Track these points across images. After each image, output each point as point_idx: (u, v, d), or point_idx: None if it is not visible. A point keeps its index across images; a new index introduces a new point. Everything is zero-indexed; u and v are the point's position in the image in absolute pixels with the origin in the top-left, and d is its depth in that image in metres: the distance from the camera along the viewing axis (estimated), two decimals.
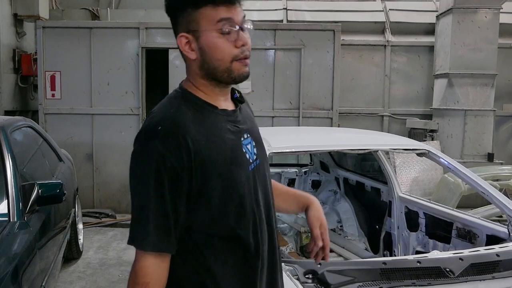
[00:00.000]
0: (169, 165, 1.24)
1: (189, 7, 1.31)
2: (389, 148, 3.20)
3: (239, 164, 1.35)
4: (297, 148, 2.99)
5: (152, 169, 1.24)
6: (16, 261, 2.42)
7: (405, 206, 3.56)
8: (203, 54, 1.34)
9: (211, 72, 1.35)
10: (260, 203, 1.40)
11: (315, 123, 6.63)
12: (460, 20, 6.85)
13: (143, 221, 1.26)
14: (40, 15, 7.24)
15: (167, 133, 1.25)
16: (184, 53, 1.37)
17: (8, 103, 7.07)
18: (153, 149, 1.24)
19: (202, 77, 1.37)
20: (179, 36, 1.35)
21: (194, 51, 1.35)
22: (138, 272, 1.27)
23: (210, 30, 1.31)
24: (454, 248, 2.99)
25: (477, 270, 2.05)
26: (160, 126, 1.27)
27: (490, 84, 6.91)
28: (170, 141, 1.25)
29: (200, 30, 1.32)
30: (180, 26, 1.35)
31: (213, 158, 1.29)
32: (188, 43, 1.35)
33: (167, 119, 1.28)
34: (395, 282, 1.95)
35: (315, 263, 1.91)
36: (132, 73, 6.58)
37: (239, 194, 1.33)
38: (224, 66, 1.33)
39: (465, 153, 6.89)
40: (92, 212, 6.47)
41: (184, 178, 1.25)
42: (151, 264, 1.26)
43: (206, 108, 1.36)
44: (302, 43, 6.63)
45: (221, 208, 1.31)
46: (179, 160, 1.24)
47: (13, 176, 2.93)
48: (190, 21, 1.32)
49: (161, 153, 1.24)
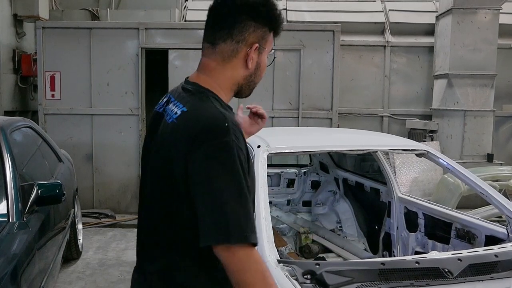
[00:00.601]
0: (242, 158, 1.31)
1: (268, 27, 1.45)
2: (388, 149, 3.20)
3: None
4: (297, 149, 2.99)
5: (236, 162, 1.27)
6: (15, 261, 2.42)
7: (404, 207, 3.57)
8: (258, 69, 1.47)
9: (247, 85, 1.49)
10: None
11: (315, 124, 6.64)
12: (460, 20, 6.85)
13: (247, 215, 1.26)
14: (40, 16, 7.24)
15: (235, 129, 1.32)
16: (248, 59, 1.44)
17: (7, 104, 7.07)
18: (232, 143, 1.28)
19: (237, 84, 1.48)
20: (255, 43, 1.43)
21: (254, 62, 1.45)
22: (264, 272, 1.26)
23: (266, 53, 1.48)
24: (453, 248, 2.99)
25: (476, 270, 2.05)
26: (226, 123, 1.31)
27: (490, 85, 6.91)
28: (238, 134, 1.32)
29: (265, 49, 1.46)
30: (254, 34, 1.43)
31: (248, 154, 1.39)
32: (255, 52, 1.44)
33: (226, 116, 1.34)
34: (393, 282, 1.95)
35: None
36: (131, 74, 6.59)
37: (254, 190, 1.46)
38: (255, 86, 1.52)
39: (465, 153, 6.90)
40: (92, 213, 6.47)
41: (245, 169, 1.32)
42: (258, 256, 1.27)
43: (229, 109, 1.44)
44: (302, 44, 6.63)
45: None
46: (246, 151, 1.35)
47: (12, 177, 2.93)
48: (264, 37, 1.45)
49: (238, 146, 1.29)
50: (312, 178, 4.87)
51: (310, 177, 4.87)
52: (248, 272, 1.24)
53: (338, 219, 4.42)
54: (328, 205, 4.59)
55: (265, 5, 1.44)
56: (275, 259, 2.09)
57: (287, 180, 4.82)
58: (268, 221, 2.28)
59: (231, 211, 1.24)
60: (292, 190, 4.86)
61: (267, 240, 2.18)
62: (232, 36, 1.41)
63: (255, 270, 1.25)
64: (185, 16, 8.08)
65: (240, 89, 1.49)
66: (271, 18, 1.46)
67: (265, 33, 1.45)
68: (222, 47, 1.43)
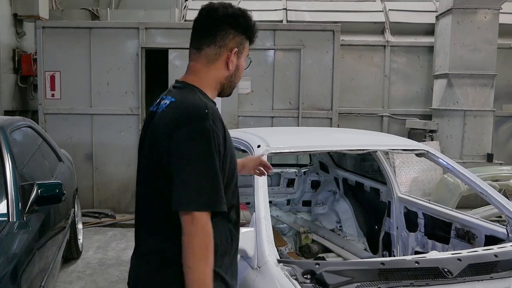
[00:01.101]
0: (219, 140, 1.55)
1: (245, 36, 1.73)
2: (388, 149, 3.20)
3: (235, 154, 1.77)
4: (297, 149, 2.99)
5: (211, 144, 1.52)
6: (15, 261, 2.42)
7: (404, 207, 3.57)
8: (237, 70, 1.74)
9: (228, 85, 1.75)
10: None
11: (315, 124, 6.64)
12: (460, 20, 6.85)
13: (212, 185, 1.51)
14: (40, 15, 7.24)
15: (214, 116, 1.57)
16: (229, 61, 1.70)
17: (7, 103, 7.07)
18: (209, 127, 1.52)
19: (216, 84, 1.73)
20: (234, 48, 1.70)
21: (233, 65, 1.72)
22: (209, 234, 1.50)
23: (244, 57, 1.76)
24: (453, 248, 2.99)
25: (475, 270, 2.05)
26: (206, 109, 1.56)
27: (490, 85, 6.91)
28: (217, 121, 1.57)
29: (243, 53, 1.74)
30: (233, 41, 1.70)
31: (230, 142, 1.66)
32: (234, 56, 1.71)
33: (207, 105, 1.59)
34: (393, 282, 1.95)
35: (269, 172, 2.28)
36: (131, 73, 6.59)
37: (235, 176, 1.72)
38: (234, 86, 1.79)
39: (465, 153, 6.90)
40: (92, 212, 6.47)
41: (221, 152, 1.58)
42: (210, 227, 1.52)
43: (213, 103, 1.69)
44: (302, 44, 6.64)
45: (227, 184, 1.62)
46: (221, 137, 1.58)
47: (12, 176, 2.93)
48: (241, 44, 1.72)
49: (214, 130, 1.54)
50: (312, 178, 4.87)
51: (310, 177, 4.87)
52: (196, 238, 1.48)
53: (338, 219, 4.42)
54: (328, 205, 4.59)
55: (244, 17, 1.71)
56: (275, 258, 2.10)
57: (287, 180, 4.82)
58: (268, 221, 2.28)
59: (198, 184, 1.49)
60: (292, 190, 4.87)
61: (267, 239, 2.19)
62: (215, 42, 1.68)
63: (203, 243, 1.49)
64: (185, 16, 8.08)
65: (222, 88, 1.75)
66: (248, 27, 1.72)
67: (243, 40, 1.72)
68: (207, 51, 1.69)
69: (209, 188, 1.51)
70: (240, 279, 2.17)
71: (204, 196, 1.49)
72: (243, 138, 3.05)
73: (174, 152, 1.52)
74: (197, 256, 1.48)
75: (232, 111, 6.56)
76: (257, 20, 6.75)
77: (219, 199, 1.52)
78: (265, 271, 2.05)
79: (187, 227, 1.49)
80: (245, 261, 2.21)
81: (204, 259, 1.49)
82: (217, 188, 1.52)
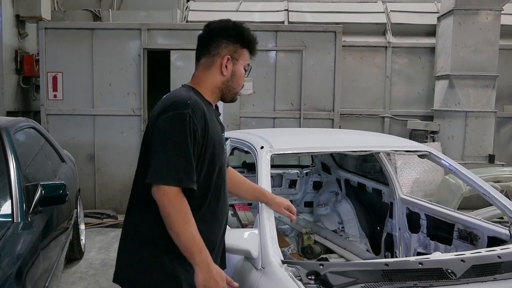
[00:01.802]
0: (196, 128, 1.75)
1: (240, 44, 1.95)
2: (390, 150, 3.20)
3: (222, 147, 1.95)
4: (299, 150, 3.00)
5: (186, 128, 1.73)
6: (20, 261, 2.43)
7: (406, 208, 3.57)
8: (233, 76, 1.95)
9: (227, 91, 1.96)
10: (226, 181, 2.04)
11: (316, 124, 6.64)
12: (461, 21, 6.86)
13: (183, 163, 1.71)
14: (42, 16, 7.25)
15: (195, 106, 1.78)
16: (222, 68, 1.92)
17: (10, 104, 7.08)
18: (186, 115, 1.74)
19: (214, 89, 1.95)
20: (226, 55, 1.92)
21: (228, 71, 1.93)
22: (182, 202, 1.71)
23: (242, 64, 1.97)
24: (455, 249, 2.99)
25: (479, 271, 2.05)
26: (189, 101, 1.78)
27: (491, 86, 6.92)
28: (197, 111, 1.78)
29: (238, 60, 1.95)
30: (226, 49, 1.93)
31: (213, 136, 1.85)
32: (228, 62, 1.92)
33: (192, 98, 1.81)
34: (397, 283, 1.95)
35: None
36: (133, 74, 6.60)
37: (217, 169, 1.90)
38: (234, 92, 1.99)
39: (466, 154, 6.90)
40: (94, 213, 6.48)
41: (200, 141, 1.78)
42: (183, 197, 1.72)
43: (206, 102, 1.91)
44: (304, 45, 6.64)
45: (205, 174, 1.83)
46: (201, 127, 1.78)
47: (16, 177, 2.94)
48: (236, 51, 1.94)
49: (192, 118, 1.75)
50: (314, 179, 4.87)
51: (312, 178, 4.88)
52: (171, 207, 1.69)
53: (340, 220, 4.42)
54: (330, 206, 4.59)
55: (235, 28, 1.93)
56: (279, 259, 2.10)
57: (289, 181, 4.82)
58: (272, 222, 2.29)
59: (169, 161, 1.70)
60: (294, 191, 4.87)
61: (270, 240, 2.19)
62: (209, 51, 1.93)
63: (179, 210, 1.70)
64: (186, 16, 8.09)
65: (222, 94, 1.97)
66: (240, 36, 1.93)
67: (237, 48, 1.94)
68: (204, 60, 1.96)
69: (178, 165, 1.70)
70: (244, 280, 2.18)
71: (173, 171, 1.69)
72: (246, 139, 3.06)
73: (155, 133, 1.77)
74: (178, 222, 1.69)
75: (234, 112, 6.56)
76: (259, 21, 6.76)
77: (188, 177, 1.71)
78: (270, 272, 2.06)
79: (160, 201, 1.70)
80: (249, 262, 2.22)
81: (184, 222, 1.70)
82: (187, 166, 1.71)
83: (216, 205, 1.91)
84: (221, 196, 1.95)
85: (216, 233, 1.94)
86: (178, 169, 1.70)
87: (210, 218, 1.89)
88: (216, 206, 1.91)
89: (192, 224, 1.72)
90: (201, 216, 1.83)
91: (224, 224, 2.01)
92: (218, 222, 1.94)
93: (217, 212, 1.92)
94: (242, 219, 4.14)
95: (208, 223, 1.88)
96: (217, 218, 1.94)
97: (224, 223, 2.02)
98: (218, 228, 1.95)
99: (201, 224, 1.79)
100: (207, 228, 1.85)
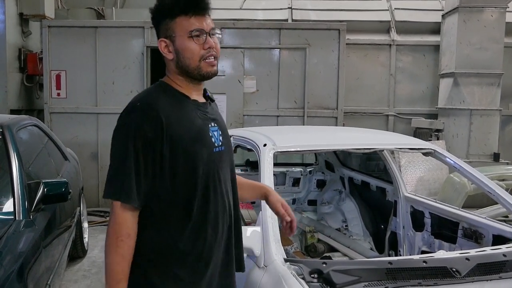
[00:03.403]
0: (144, 133, 1.56)
1: (167, 18, 1.66)
2: (395, 148, 3.18)
3: (203, 143, 1.68)
4: (303, 147, 2.98)
5: (131, 136, 1.56)
6: (22, 259, 2.43)
7: (410, 206, 3.55)
8: (178, 54, 1.67)
9: (184, 69, 1.68)
10: (221, 179, 1.73)
11: (320, 123, 6.62)
12: (466, 19, 6.82)
13: (121, 178, 1.56)
14: (46, 15, 7.25)
15: (144, 108, 1.60)
16: (164, 54, 1.71)
17: (13, 102, 7.09)
18: (132, 120, 1.58)
19: (178, 73, 1.70)
20: (159, 41, 1.70)
21: (171, 53, 1.69)
22: (121, 224, 1.56)
23: (183, 35, 1.65)
24: (460, 248, 2.97)
25: (484, 270, 2.03)
26: (139, 103, 1.62)
27: (496, 84, 6.88)
28: (147, 114, 1.58)
29: (175, 35, 1.66)
30: (161, 33, 1.70)
31: (181, 134, 1.61)
32: (166, 46, 1.69)
33: (145, 98, 1.65)
34: (401, 282, 1.93)
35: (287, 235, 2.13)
36: (137, 72, 6.60)
37: (199, 167, 1.64)
38: (194, 65, 1.66)
39: (471, 152, 6.87)
40: (97, 211, 6.48)
41: (156, 146, 1.57)
42: (130, 216, 1.57)
43: (179, 96, 1.70)
44: (307, 42, 6.62)
45: (182, 177, 1.62)
46: (153, 129, 1.57)
47: (19, 175, 2.94)
48: (167, 29, 1.67)
49: (139, 123, 1.57)
50: (317, 177, 4.86)
51: (315, 176, 4.86)
52: (110, 225, 1.57)
53: (344, 218, 4.40)
54: (333, 204, 4.58)
55: (155, 6, 1.70)
56: (282, 258, 2.09)
57: (292, 179, 4.81)
58: (274, 220, 2.27)
59: (113, 175, 1.59)
60: (297, 189, 4.85)
61: (273, 238, 2.18)
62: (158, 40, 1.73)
63: (114, 231, 1.56)
64: None
65: (185, 76, 1.69)
66: (162, 8, 1.68)
67: (167, 24, 1.66)
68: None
69: (117, 179, 1.57)
70: (246, 278, 2.16)
71: (113, 186, 1.58)
72: (249, 137, 3.05)
73: None
74: (108, 243, 1.57)
75: (237, 110, 6.55)
76: (262, 19, 6.76)
77: (126, 191, 1.55)
78: (272, 270, 2.04)
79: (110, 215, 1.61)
80: (251, 260, 2.20)
81: (113, 247, 1.55)
82: (124, 179, 1.56)
83: (205, 211, 1.66)
84: (210, 198, 1.68)
85: (210, 246, 1.68)
86: (116, 183, 1.57)
87: (199, 228, 1.65)
88: (206, 212, 1.66)
89: (119, 253, 1.55)
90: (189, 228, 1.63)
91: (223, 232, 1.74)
92: (212, 231, 1.69)
93: (208, 219, 1.67)
94: (245, 217, 4.13)
95: (198, 234, 1.65)
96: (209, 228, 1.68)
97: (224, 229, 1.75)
98: (214, 240, 1.69)
99: (189, 237, 1.63)
100: (195, 241, 1.64)
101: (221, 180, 1.73)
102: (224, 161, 1.76)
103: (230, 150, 1.85)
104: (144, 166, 1.57)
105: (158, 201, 1.61)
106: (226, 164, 1.78)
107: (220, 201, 1.71)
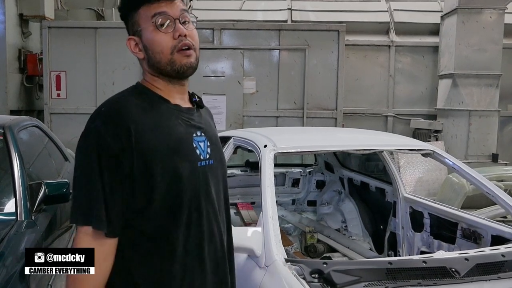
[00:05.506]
0: (107, 145, 1.27)
1: (132, 11, 1.42)
2: (394, 148, 3.20)
3: (184, 156, 1.38)
4: (303, 148, 2.99)
5: (93, 148, 1.28)
6: (23, 260, 2.43)
7: (409, 206, 3.57)
8: (147, 50, 1.41)
9: (156, 67, 1.41)
10: (210, 199, 1.44)
11: (320, 123, 6.64)
12: (465, 20, 6.84)
13: (84, 198, 1.29)
14: (46, 15, 7.27)
15: (108, 115, 1.32)
16: (134, 54, 1.46)
17: (13, 103, 7.10)
18: (94, 129, 1.30)
19: (153, 73, 1.44)
20: (128, 39, 1.45)
21: (141, 51, 1.43)
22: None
23: (147, 27, 1.39)
24: (459, 248, 2.99)
25: (483, 270, 2.05)
26: (103, 108, 1.34)
27: (495, 85, 6.90)
28: (110, 122, 1.30)
29: (141, 29, 1.40)
30: (129, 30, 1.46)
31: (156, 145, 1.32)
32: (136, 45, 1.44)
33: (111, 103, 1.36)
34: (400, 282, 1.95)
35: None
36: (137, 73, 6.60)
37: (178, 186, 1.35)
38: (166, 59, 1.39)
39: (470, 153, 6.89)
40: None
41: (123, 160, 1.29)
42: (93, 242, 1.28)
43: (156, 100, 1.41)
44: (307, 43, 6.64)
45: (158, 202, 1.32)
46: (117, 141, 1.28)
47: (20, 176, 2.95)
48: (133, 23, 1.43)
49: (101, 133, 1.28)
50: (317, 177, 4.88)
51: (315, 176, 4.88)
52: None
53: (343, 218, 4.42)
54: (333, 205, 4.60)
55: (120, 1, 1.47)
56: (283, 258, 2.10)
57: (292, 180, 4.83)
58: (275, 220, 2.29)
59: (77, 197, 1.32)
60: (297, 190, 4.87)
61: (274, 239, 2.19)
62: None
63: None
64: None
65: (161, 73, 1.42)
66: (125, 1, 1.45)
67: (133, 18, 1.43)
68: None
69: (82, 201, 1.30)
70: (247, 278, 2.18)
71: (78, 210, 1.30)
72: (249, 138, 3.06)
73: None
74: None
75: (237, 111, 6.56)
76: (262, 20, 6.77)
77: (94, 215, 1.27)
78: (273, 270, 2.06)
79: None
80: (252, 260, 2.22)
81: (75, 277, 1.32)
82: (91, 202, 1.28)
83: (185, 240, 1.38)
84: (192, 223, 1.39)
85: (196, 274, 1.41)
86: (81, 206, 1.30)
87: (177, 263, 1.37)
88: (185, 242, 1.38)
89: (79, 279, 1.31)
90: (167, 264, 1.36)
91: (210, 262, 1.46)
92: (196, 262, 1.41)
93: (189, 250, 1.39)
94: (245, 218, 4.15)
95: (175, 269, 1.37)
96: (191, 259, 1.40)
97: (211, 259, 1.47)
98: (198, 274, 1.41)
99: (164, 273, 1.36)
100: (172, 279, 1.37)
101: (210, 200, 1.44)
102: (213, 177, 1.47)
103: (222, 164, 1.54)
104: (110, 183, 1.28)
105: (130, 232, 1.34)
106: (217, 180, 1.49)
107: (206, 226, 1.42)
